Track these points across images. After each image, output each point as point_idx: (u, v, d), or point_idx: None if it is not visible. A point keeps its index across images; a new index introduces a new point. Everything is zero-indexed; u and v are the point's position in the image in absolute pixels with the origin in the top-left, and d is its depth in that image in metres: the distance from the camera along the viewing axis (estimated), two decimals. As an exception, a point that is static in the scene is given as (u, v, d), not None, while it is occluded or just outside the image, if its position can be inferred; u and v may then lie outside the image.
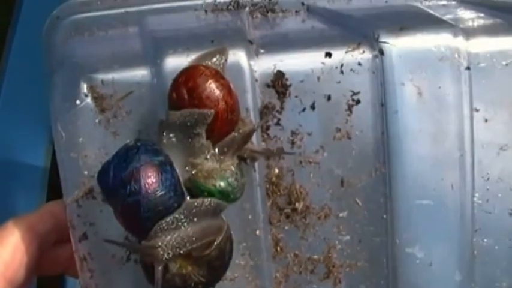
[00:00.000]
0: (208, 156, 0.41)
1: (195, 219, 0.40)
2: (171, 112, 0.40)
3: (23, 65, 0.63)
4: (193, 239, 0.39)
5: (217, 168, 0.41)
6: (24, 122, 0.62)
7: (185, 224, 0.39)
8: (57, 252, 0.49)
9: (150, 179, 0.38)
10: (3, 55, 0.63)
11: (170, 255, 0.39)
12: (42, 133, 0.63)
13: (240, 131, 0.40)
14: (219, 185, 0.40)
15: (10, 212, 0.55)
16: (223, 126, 0.40)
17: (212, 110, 0.39)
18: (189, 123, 0.40)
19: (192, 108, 0.40)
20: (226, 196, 0.40)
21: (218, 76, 0.40)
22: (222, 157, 0.41)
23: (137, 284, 0.45)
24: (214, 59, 0.43)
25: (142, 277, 0.44)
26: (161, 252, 0.38)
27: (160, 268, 0.39)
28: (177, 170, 0.40)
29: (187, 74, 0.40)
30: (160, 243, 0.38)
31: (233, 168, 0.41)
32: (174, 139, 0.41)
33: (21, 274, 0.46)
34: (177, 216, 0.39)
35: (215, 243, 0.40)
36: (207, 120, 0.40)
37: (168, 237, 0.39)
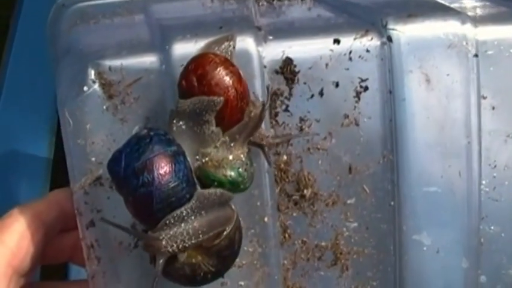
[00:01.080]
0: (218, 145, 0.41)
1: (203, 212, 0.39)
2: (181, 100, 0.40)
3: (26, 56, 0.63)
4: (199, 232, 0.39)
5: (227, 157, 0.40)
6: (28, 113, 0.62)
7: (192, 217, 0.39)
8: (62, 240, 0.49)
9: (163, 170, 0.38)
10: (6, 45, 0.63)
11: (174, 248, 0.38)
12: (46, 124, 0.62)
13: (252, 114, 0.40)
14: (230, 175, 0.40)
15: (13, 204, 0.54)
16: (233, 113, 0.40)
17: (222, 97, 0.39)
18: (198, 111, 0.39)
19: (201, 96, 0.39)
20: (236, 186, 0.40)
21: (228, 63, 0.40)
22: (232, 145, 0.41)
23: (144, 271, 0.45)
24: (223, 46, 0.42)
25: (150, 264, 0.44)
26: (164, 244, 0.38)
27: (161, 261, 0.39)
28: (188, 159, 0.40)
29: (197, 62, 0.40)
30: (164, 236, 0.38)
31: (243, 158, 0.41)
32: (184, 127, 0.40)
33: (27, 262, 0.46)
34: (186, 209, 0.39)
35: (224, 233, 0.40)
36: (216, 107, 0.39)
37: (174, 230, 0.38)
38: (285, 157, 0.44)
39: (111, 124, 0.43)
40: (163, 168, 0.38)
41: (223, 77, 0.39)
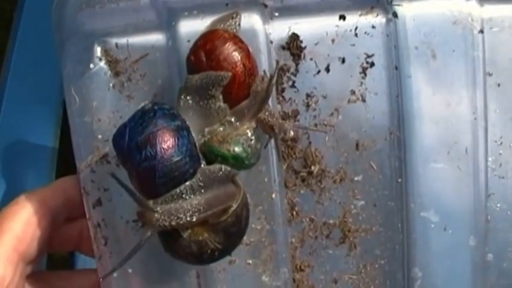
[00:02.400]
0: (225, 121, 0.40)
1: (203, 190, 0.39)
2: (189, 76, 0.40)
3: (31, 49, 0.62)
4: (196, 210, 0.39)
5: (232, 133, 0.40)
6: (33, 104, 0.61)
7: (191, 195, 0.39)
8: (69, 228, 0.49)
9: (166, 144, 0.38)
10: (10, 36, 0.62)
11: (166, 224, 0.38)
12: (51, 115, 0.62)
13: (259, 88, 0.40)
14: (233, 150, 0.40)
15: (19, 193, 0.54)
16: (241, 89, 0.40)
17: (229, 72, 0.39)
18: (205, 86, 0.39)
19: (209, 71, 0.39)
20: (240, 161, 0.40)
21: (237, 39, 0.40)
22: (238, 123, 0.41)
23: (152, 251, 0.44)
24: (228, 24, 0.42)
25: (157, 243, 0.44)
26: (156, 217, 0.38)
27: (149, 233, 0.38)
28: (193, 135, 0.40)
29: (206, 37, 0.40)
30: (159, 209, 0.38)
31: (249, 133, 0.41)
32: (191, 102, 0.40)
33: (33, 249, 0.45)
34: (186, 186, 0.39)
35: (231, 209, 0.40)
36: (223, 82, 0.39)
37: (170, 206, 0.38)
38: (292, 133, 0.44)
39: (117, 101, 0.43)
40: (166, 142, 0.38)
41: (232, 52, 0.39)
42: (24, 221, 0.45)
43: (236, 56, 0.39)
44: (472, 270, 0.47)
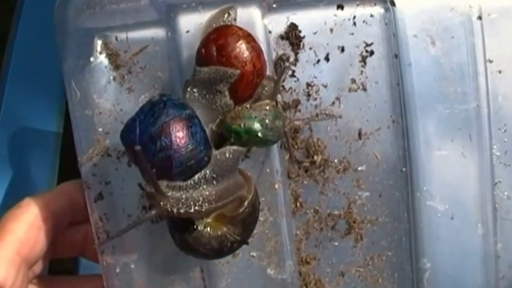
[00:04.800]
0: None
1: (214, 182, 0.39)
2: (198, 68, 0.40)
3: (32, 38, 0.62)
4: (208, 200, 0.38)
5: (246, 108, 0.40)
6: (35, 93, 0.61)
7: (204, 185, 0.38)
8: (73, 233, 0.48)
9: (181, 133, 0.37)
10: (12, 27, 0.62)
11: (174, 210, 0.37)
12: (54, 105, 0.61)
13: (266, 88, 0.40)
14: (245, 124, 0.39)
15: (22, 185, 0.53)
16: (247, 88, 0.40)
17: (238, 70, 0.39)
18: (213, 80, 0.39)
19: (218, 66, 0.39)
20: (253, 136, 0.39)
21: (250, 38, 0.40)
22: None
23: (154, 244, 0.44)
24: (222, 19, 0.42)
25: (159, 238, 0.43)
26: (164, 202, 0.37)
27: (153, 212, 0.38)
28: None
29: (219, 32, 0.40)
30: (170, 194, 0.37)
31: (267, 108, 0.40)
32: (197, 94, 0.40)
33: (36, 252, 0.45)
34: (201, 175, 0.38)
35: (247, 201, 0.40)
36: (231, 79, 0.39)
37: (180, 194, 0.38)
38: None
39: (118, 94, 0.43)
40: (180, 131, 0.37)
41: (244, 50, 0.39)
42: (27, 224, 0.45)
43: (247, 54, 0.39)
44: (482, 260, 0.46)
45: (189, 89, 0.40)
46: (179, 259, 0.43)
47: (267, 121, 0.40)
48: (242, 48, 0.39)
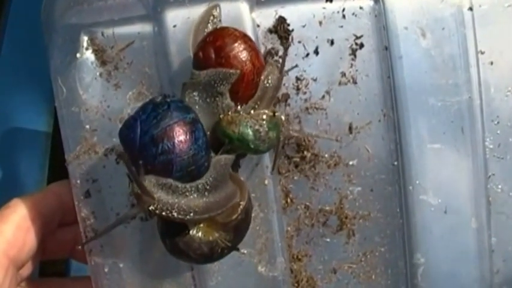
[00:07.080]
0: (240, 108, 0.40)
1: (206, 193, 0.38)
2: (196, 71, 0.39)
3: (21, 37, 0.61)
4: (194, 211, 0.38)
5: (243, 115, 0.40)
6: (25, 92, 0.60)
7: (194, 194, 0.38)
8: (63, 234, 0.48)
9: (184, 137, 0.37)
10: (0, 26, 0.62)
11: (157, 212, 0.37)
12: (44, 103, 0.60)
13: (269, 76, 0.40)
14: (238, 131, 0.39)
15: (12, 182, 0.53)
16: (248, 88, 0.40)
17: (238, 70, 0.39)
18: (213, 83, 0.39)
19: (217, 68, 0.39)
20: (245, 144, 0.39)
21: (247, 38, 0.40)
22: (253, 110, 0.40)
23: (143, 243, 0.43)
24: (209, 23, 0.42)
25: (149, 236, 0.43)
26: (150, 202, 0.37)
27: (135, 210, 0.38)
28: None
29: (216, 34, 0.40)
30: (156, 196, 0.37)
31: (263, 118, 0.40)
32: (197, 98, 0.40)
33: (25, 253, 0.44)
34: (194, 185, 0.38)
35: (240, 208, 0.39)
36: (232, 80, 0.39)
37: (168, 198, 0.37)
38: (282, 117, 0.43)
39: (105, 90, 0.43)
40: (183, 135, 0.37)
41: (242, 50, 0.39)
42: (15, 225, 0.44)
43: (246, 54, 0.39)
44: (477, 254, 0.45)
45: (188, 93, 0.40)
46: (169, 258, 0.43)
47: (261, 132, 0.39)
48: (240, 48, 0.39)
